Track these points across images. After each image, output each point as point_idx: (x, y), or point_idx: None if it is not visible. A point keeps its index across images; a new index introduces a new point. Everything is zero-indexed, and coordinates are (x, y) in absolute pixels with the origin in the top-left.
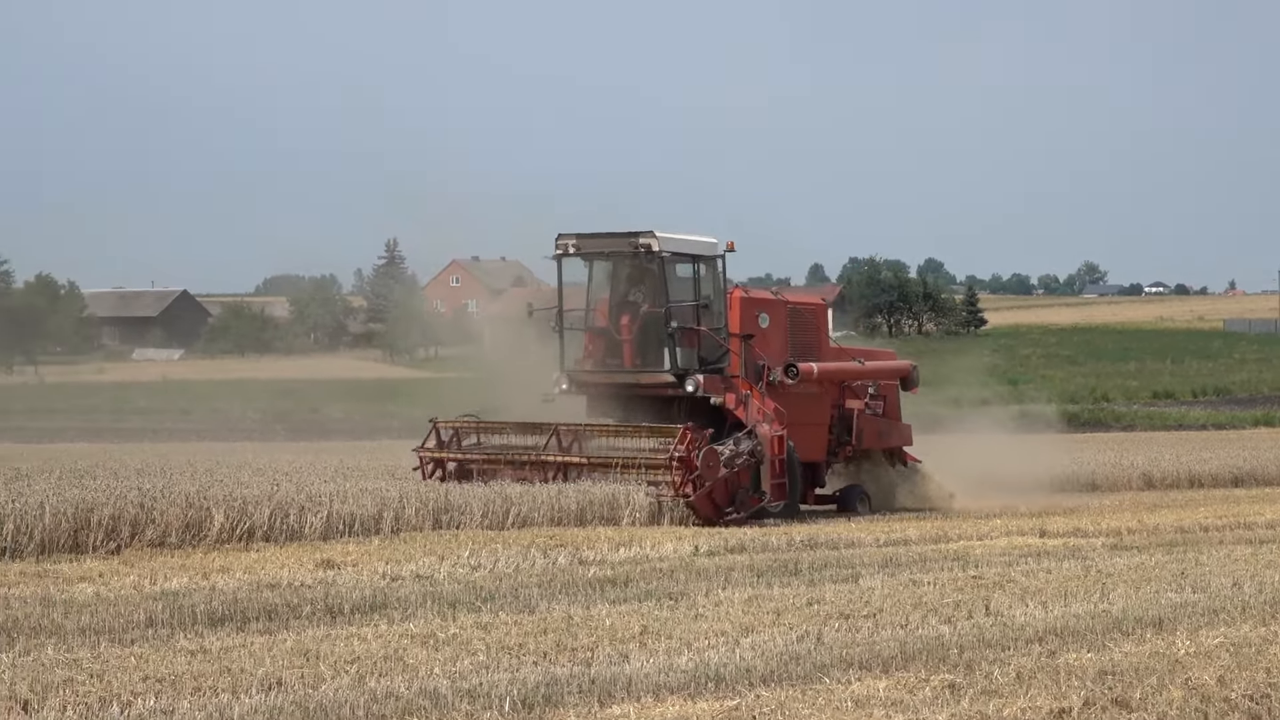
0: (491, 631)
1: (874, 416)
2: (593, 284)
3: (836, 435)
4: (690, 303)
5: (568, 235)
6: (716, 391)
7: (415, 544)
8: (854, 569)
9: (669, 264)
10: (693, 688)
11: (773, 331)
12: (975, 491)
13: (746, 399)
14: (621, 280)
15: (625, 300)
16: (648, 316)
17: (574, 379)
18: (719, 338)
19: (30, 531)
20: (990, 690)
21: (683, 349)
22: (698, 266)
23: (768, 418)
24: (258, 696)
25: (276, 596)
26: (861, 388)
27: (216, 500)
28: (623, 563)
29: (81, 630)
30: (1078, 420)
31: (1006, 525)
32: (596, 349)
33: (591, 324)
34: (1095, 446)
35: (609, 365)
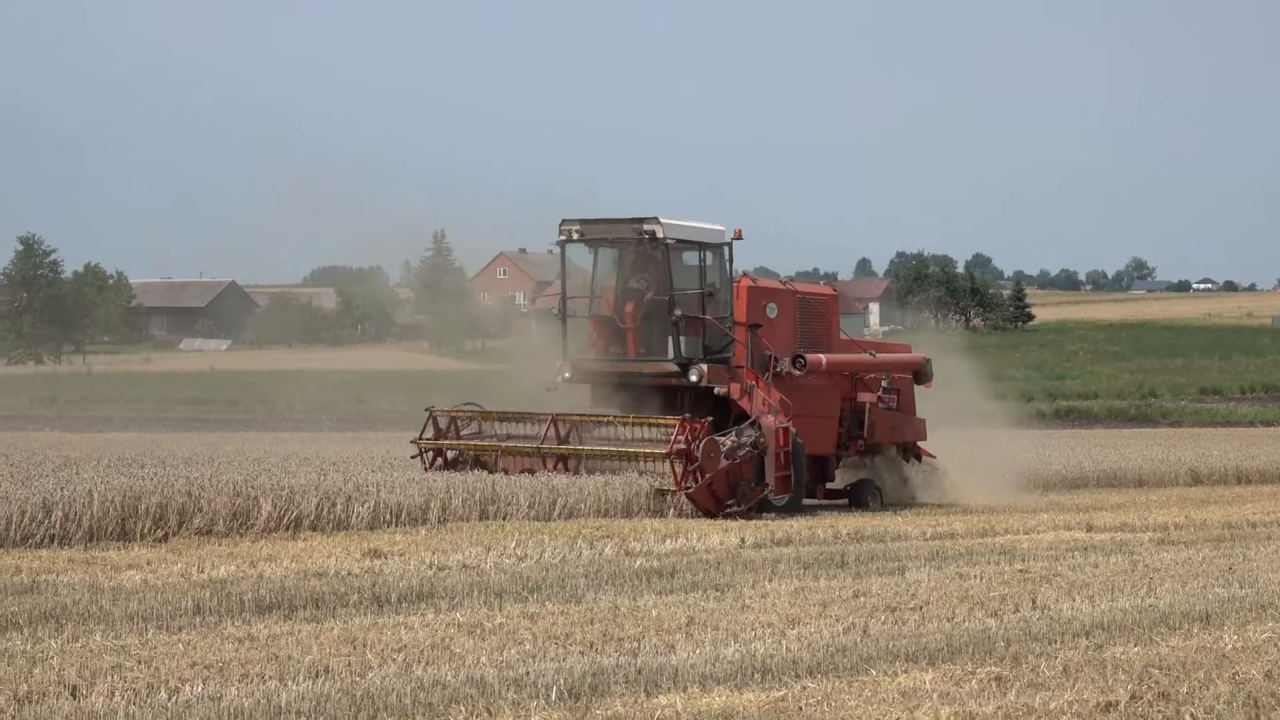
0: (538, 621)
1: (887, 410)
2: (597, 271)
3: (847, 429)
4: (695, 291)
5: (571, 221)
6: (721, 382)
7: (462, 534)
8: (900, 562)
9: (674, 251)
10: (739, 678)
11: (781, 322)
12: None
13: (751, 389)
14: (626, 267)
15: (629, 288)
16: (652, 304)
17: (577, 368)
18: (724, 327)
19: (79, 519)
20: (1037, 683)
21: (687, 338)
22: (704, 254)
23: (773, 409)
24: (305, 684)
25: (323, 585)
26: (874, 381)
27: (264, 489)
28: (669, 554)
29: (129, 617)
30: (1125, 415)
31: (1054, 520)
32: (600, 337)
33: (596, 312)
34: (1142, 442)
35: (612, 354)
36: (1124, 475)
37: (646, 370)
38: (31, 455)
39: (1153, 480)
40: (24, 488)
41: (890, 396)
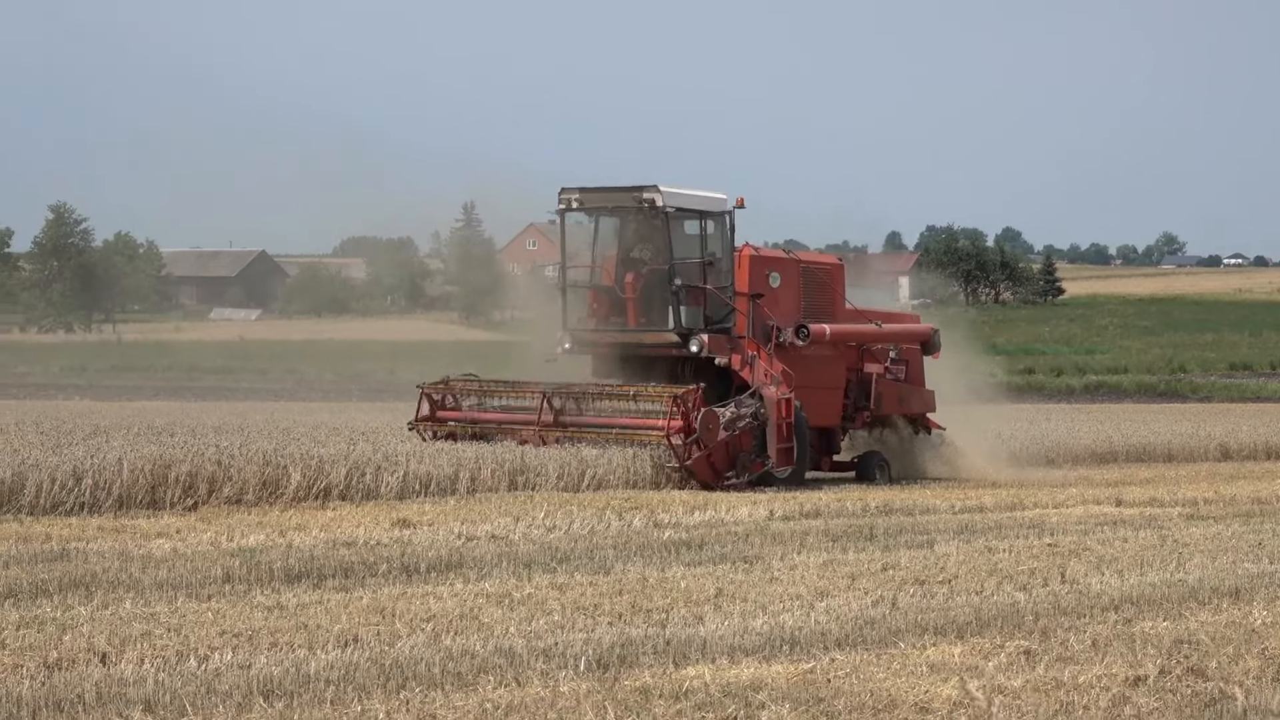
0: (567, 592)
1: (894, 382)
2: (598, 241)
3: (853, 400)
4: (696, 260)
5: (571, 190)
6: (722, 352)
7: (491, 504)
8: (929, 535)
9: (674, 220)
10: (767, 650)
11: (784, 291)
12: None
13: (753, 360)
14: (627, 237)
15: (630, 258)
16: (652, 274)
17: (577, 338)
18: (725, 296)
19: (108, 487)
20: (1066, 657)
21: (687, 308)
22: (704, 223)
23: (775, 380)
24: (334, 652)
25: (353, 554)
26: (882, 352)
27: (293, 459)
28: (698, 526)
29: (159, 585)
30: (1154, 390)
31: (1083, 494)
32: (601, 308)
33: (596, 282)
34: (1172, 417)
35: (612, 324)
36: (1153, 450)
37: (647, 341)
38: (62, 424)
39: (1182, 455)
40: (54, 455)
41: (898, 367)
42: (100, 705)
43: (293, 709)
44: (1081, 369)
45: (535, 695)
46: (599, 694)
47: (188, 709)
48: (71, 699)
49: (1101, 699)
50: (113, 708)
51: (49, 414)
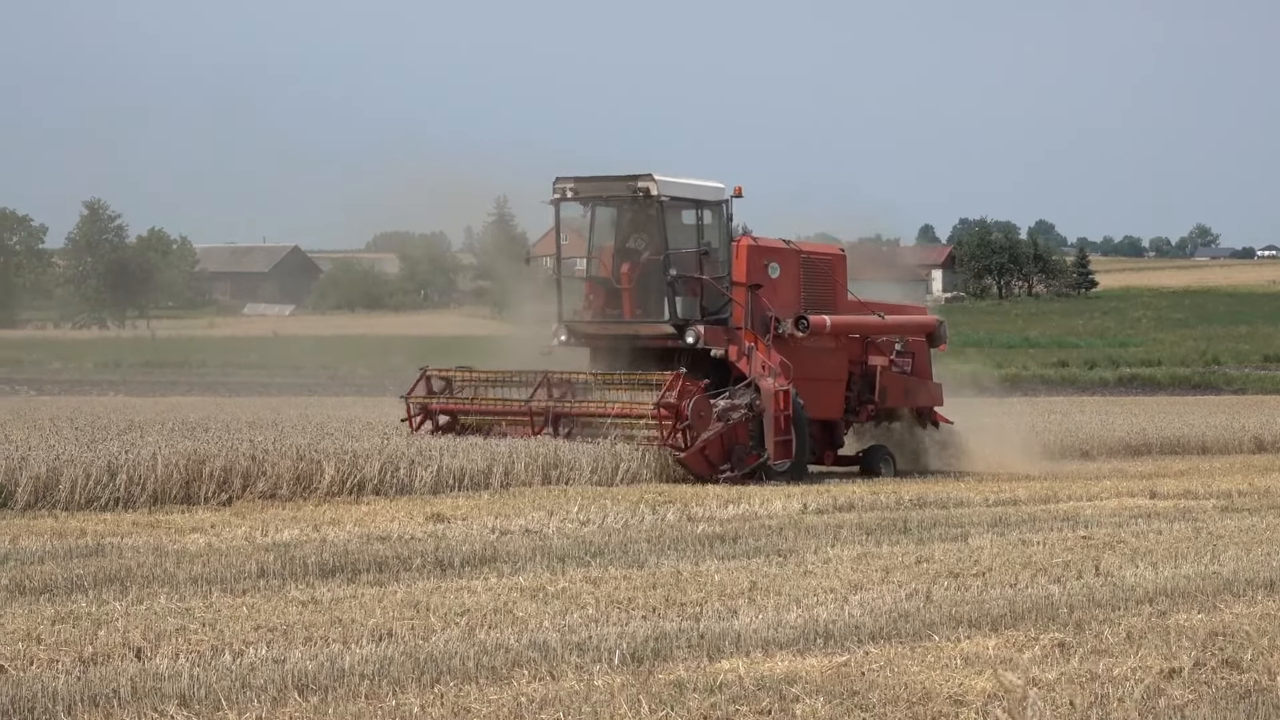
0: (601, 586)
1: (900, 374)
2: (594, 231)
3: (857, 393)
4: (691, 250)
5: (566, 179)
6: (718, 343)
7: (524, 499)
8: (963, 528)
9: (669, 209)
10: (802, 643)
11: (784, 282)
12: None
13: (750, 351)
14: (623, 227)
15: (626, 248)
16: (648, 264)
17: (573, 330)
18: (722, 287)
19: (143, 482)
20: (1100, 650)
21: (683, 298)
22: (701, 212)
23: (772, 371)
24: (369, 647)
25: (387, 549)
26: (887, 344)
27: (327, 453)
28: (731, 519)
29: (193, 580)
30: (1188, 383)
31: (1116, 486)
32: (597, 299)
33: (593, 273)
34: (1206, 409)
35: (608, 315)
36: (1187, 442)
37: (643, 332)
38: (96, 419)
39: (1216, 447)
40: (89, 451)
41: (904, 360)
42: (135, 700)
43: (327, 703)
44: (1115, 361)
45: (569, 689)
46: (633, 687)
47: (223, 703)
48: (107, 693)
49: (1136, 691)
50: (148, 702)
51: (84, 410)
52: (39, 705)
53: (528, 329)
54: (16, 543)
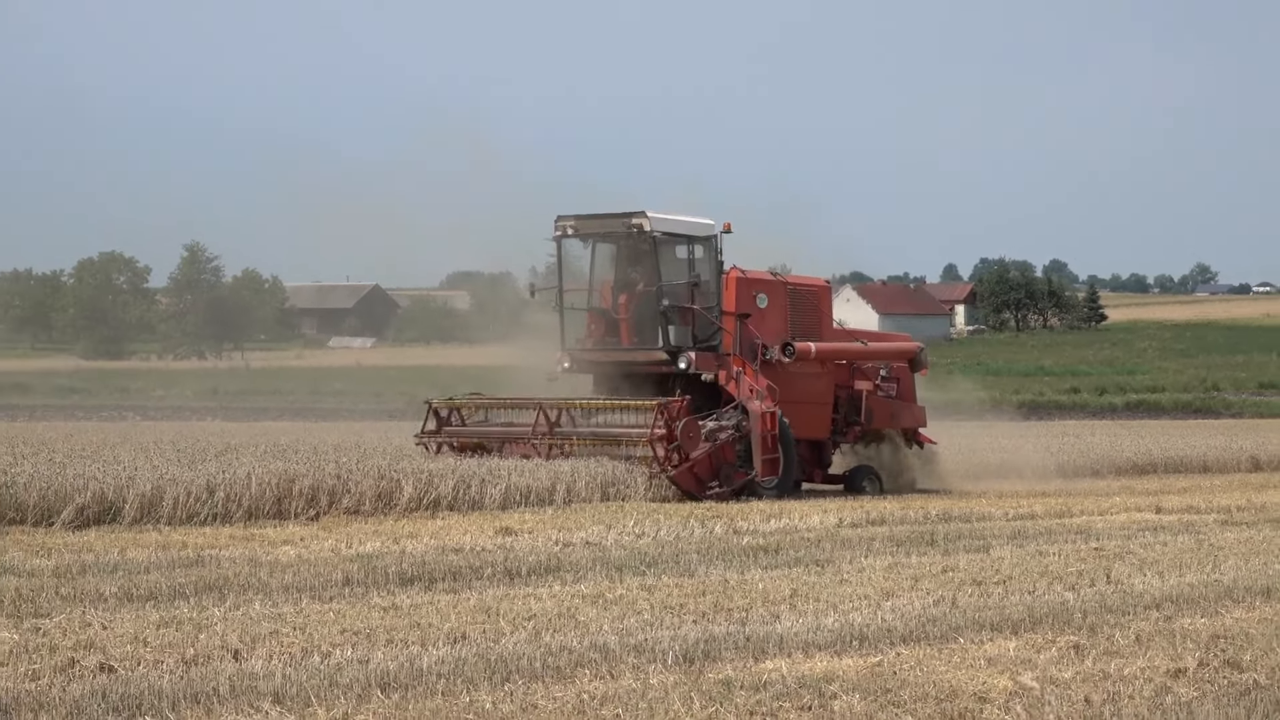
0: (655, 593)
1: (885, 398)
2: (595, 266)
3: (844, 415)
4: (683, 282)
5: (566, 217)
6: (709, 369)
7: (585, 514)
8: (985, 540)
9: (662, 244)
10: (838, 645)
11: (771, 311)
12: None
13: (739, 376)
14: (620, 261)
15: (623, 280)
16: (643, 296)
17: (575, 358)
18: (712, 316)
19: (238, 499)
20: (1112, 651)
21: (676, 327)
22: (692, 247)
23: (759, 394)
24: (444, 648)
25: (460, 559)
26: (873, 370)
27: (406, 473)
28: (773, 532)
29: (285, 588)
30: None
31: (1125, 502)
32: (597, 329)
33: (593, 304)
34: (1206, 432)
35: (607, 344)
36: (1190, 462)
37: (639, 359)
38: (196, 442)
39: (1216, 466)
40: (189, 471)
41: (889, 384)
42: (233, 697)
43: (407, 700)
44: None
45: (628, 687)
46: (686, 685)
47: (312, 700)
48: (207, 692)
49: (1145, 689)
50: (245, 699)
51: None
52: (146, 702)
53: (535, 357)
54: (125, 554)
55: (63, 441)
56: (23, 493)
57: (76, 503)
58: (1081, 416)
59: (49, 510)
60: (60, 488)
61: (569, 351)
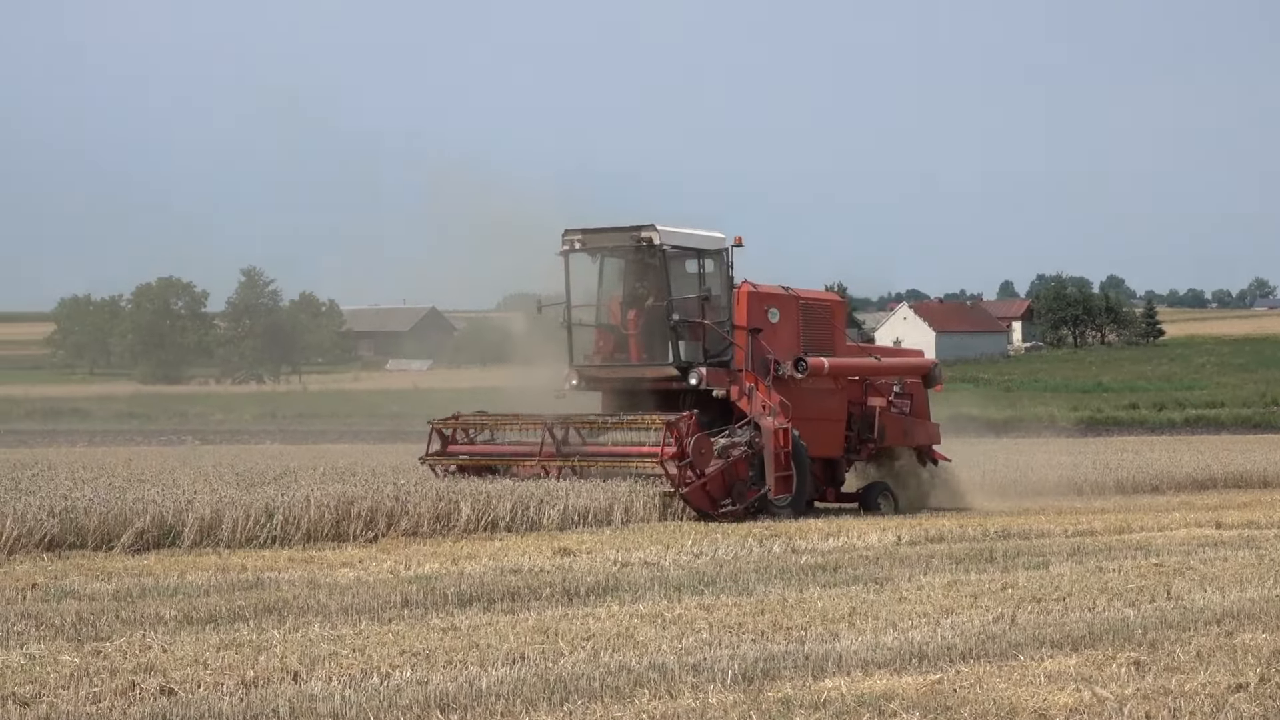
0: (713, 612)
1: (899, 415)
2: (603, 280)
3: (857, 432)
4: (693, 296)
5: (574, 231)
6: (720, 384)
7: (643, 534)
8: (1044, 557)
9: (671, 258)
10: (898, 663)
11: (783, 326)
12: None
13: (751, 392)
14: (629, 275)
15: (631, 295)
16: (652, 310)
17: (584, 374)
18: (723, 331)
19: (297, 522)
20: (1172, 667)
21: (686, 343)
22: (702, 261)
23: (772, 411)
24: (503, 669)
25: (518, 580)
26: (886, 385)
27: (464, 494)
28: (831, 551)
29: (344, 609)
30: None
31: (1185, 518)
32: (605, 344)
33: (601, 320)
34: (1266, 446)
35: (616, 360)
36: (1250, 477)
37: (648, 375)
38: (254, 466)
39: (1277, 481)
40: (248, 494)
41: (903, 401)
42: (293, 718)
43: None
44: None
45: (686, 706)
46: (745, 704)
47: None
48: (267, 713)
49: (1206, 705)
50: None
51: (243, 457)
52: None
53: (544, 373)
54: (184, 577)
55: (122, 466)
56: (83, 517)
57: (136, 526)
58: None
59: (109, 534)
60: (120, 512)
61: (577, 368)
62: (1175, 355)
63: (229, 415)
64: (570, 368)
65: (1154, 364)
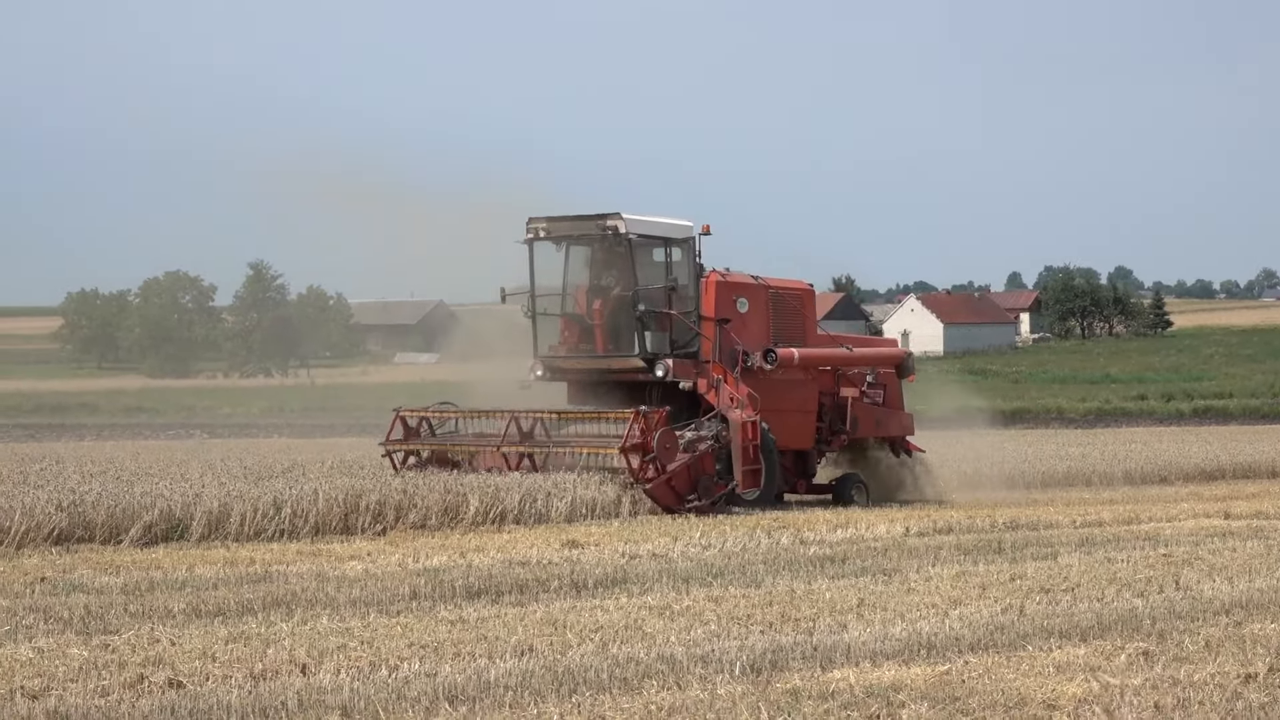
0: (721, 604)
1: (871, 405)
2: (569, 269)
3: (829, 423)
4: (659, 286)
5: (538, 219)
6: (687, 376)
7: (651, 526)
8: (1053, 548)
9: (638, 247)
10: (906, 654)
11: (753, 316)
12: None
13: (719, 384)
14: (595, 264)
15: (597, 284)
16: (618, 300)
17: (548, 365)
18: (690, 321)
19: (305, 515)
20: (1181, 657)
21: (653, 333)
22: (669, 249)
23: (740, 403)
24: (511, 661)
25: (527, 573)
26: (859, 376)
27: (471, 487)
28: (840, 542)
29: (352, 602)
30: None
31: (1193, 508)
32: (571, 334)
33: (567, 309)
34: (1275, 437)
35: (582, 350)
36: (1258, 467)
37: (614, 366)
38: (263, 459)
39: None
40: (256, 488)
41: (876, 391)
42: (301, 711)
43: (475, 713)
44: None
45: (695, 697)
46: (753, 695)
47: (380, 714)
48: (276, 706)
49: (1215, 695)
50: (313, 713)
51: (251, 450)
52: (214, 717)
53: (507, 364)
54: (192, 571)
55: (130, 460)
56: (91, 511)
57: (144, 520)
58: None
59: (117, 528)
60: (128, 505)
61: (541, 359)
62: (1183, 346)
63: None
64: (535, 358)
65: (1162, 355)
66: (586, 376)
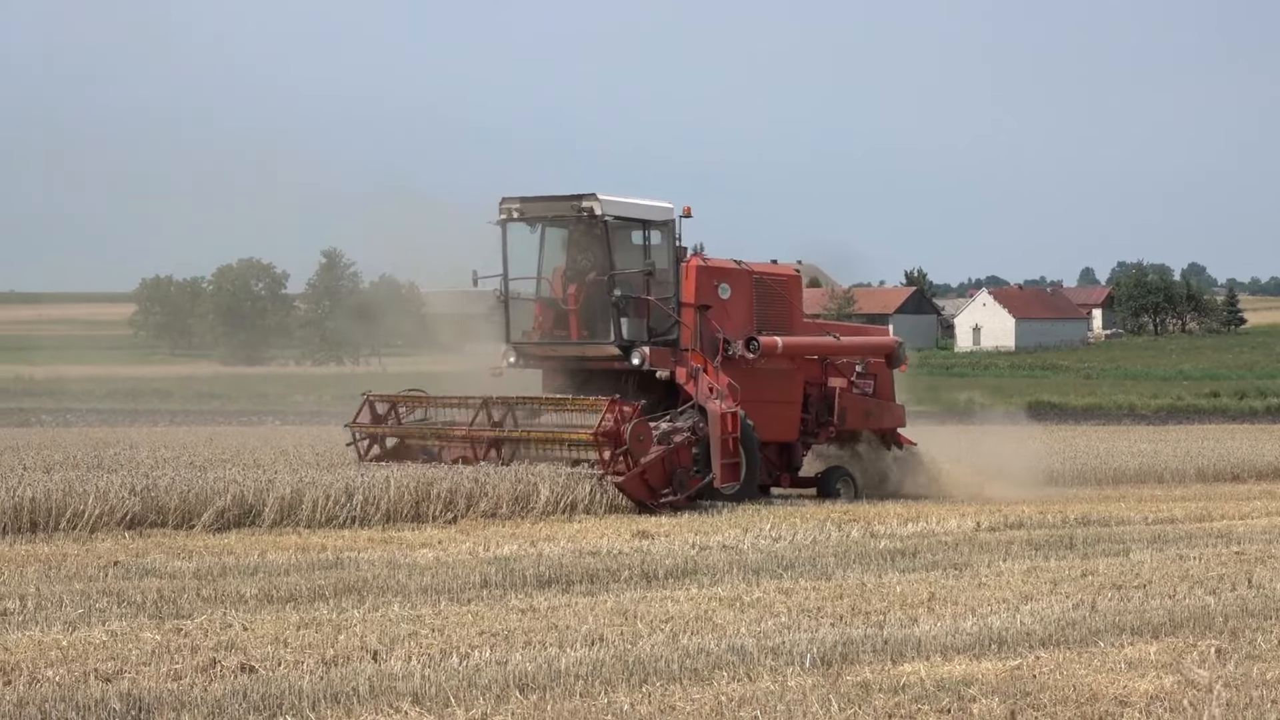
0: (792, 596)
1: (860, 396)
2: (544, 252)
3: (815, 415)
4: (636, 270)
5: (512, 199)
6: (665, 365)
7: (721, 517)
8: (1124, 544)
9: (615, 229)
10: (977, 649)
11: (735, 303)
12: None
13: (698, 373)
14: (571, 248)
15: (573, 269)
16: (594, 285)
17: (521, 352)
18: (668, 308)
19: (377, 503)
20: (1254, 655)
21: (630, 319)
22: (647, 232)
23: (719, 393)
24: (582, 650)
25: (597, 562)
26: (848, 366)
27: (543, 476)
28: (910, 536)
29: (423, 590)
30: None
31: (1266, 506)
32: (545, 320)
33: (541, 293)
34: None
35: (556, 337)
36: None
37: (590, 353)
38: (335, 446)
39: None
40: (329, 475)
41: (865, 382)
42: (373, 697)
43: (546, 701)
44: (1263, 392)
45: (765, 689)
46: (823, 688)
47: (451, 701)
48: (347, 692)
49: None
50: (384, 700)
51: (323, 438)
52: (286, 702)
53: (481, 351)
54: (265, 556)
55: (203, 446)
56: (164, 496)
57: (217, 506)
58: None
59: (190, 513)
60: (201, 491)
61: (514, 345)
62: (1257, 343)
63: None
64: (507, 344)
65: (1235, 352)
66: (561, 364)
